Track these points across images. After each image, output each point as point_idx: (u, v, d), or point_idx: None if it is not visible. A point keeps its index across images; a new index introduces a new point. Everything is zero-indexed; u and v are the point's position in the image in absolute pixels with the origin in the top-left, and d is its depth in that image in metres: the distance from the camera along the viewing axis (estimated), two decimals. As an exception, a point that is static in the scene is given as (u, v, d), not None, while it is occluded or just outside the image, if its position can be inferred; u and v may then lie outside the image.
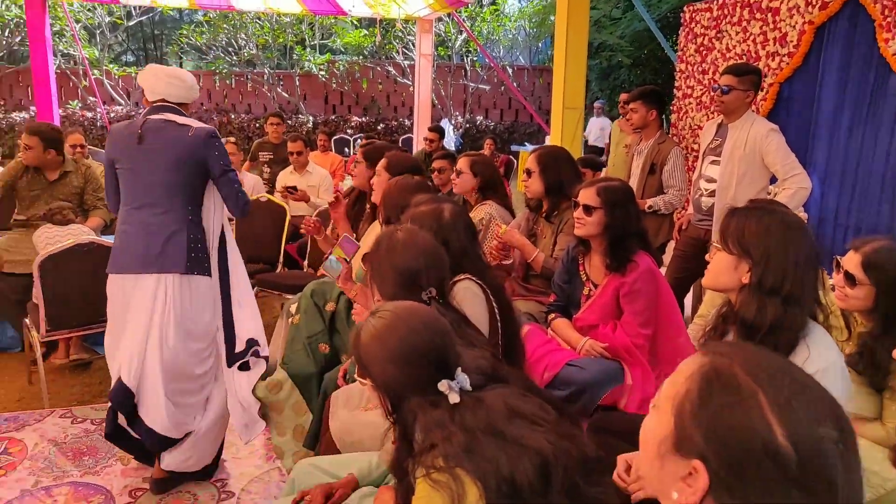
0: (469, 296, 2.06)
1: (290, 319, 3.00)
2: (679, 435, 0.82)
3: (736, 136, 3.35)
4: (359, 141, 13.09)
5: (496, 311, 2.11)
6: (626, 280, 2.45)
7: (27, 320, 3.40)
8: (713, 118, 3.83)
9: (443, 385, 1.29)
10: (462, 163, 3.53)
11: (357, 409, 2.23)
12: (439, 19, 11.53)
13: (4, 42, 13.88)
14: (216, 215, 2.64)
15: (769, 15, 4.15)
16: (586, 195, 2.49)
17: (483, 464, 1.16)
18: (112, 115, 13.37)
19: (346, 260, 2.52)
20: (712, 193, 3.52)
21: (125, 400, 2.47)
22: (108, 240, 3.37)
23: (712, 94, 4.54)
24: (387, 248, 1.83)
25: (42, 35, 8.18)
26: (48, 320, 3.22)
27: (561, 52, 5.09)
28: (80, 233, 3.56)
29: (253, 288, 4.08)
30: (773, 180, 3.39)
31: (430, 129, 6.34)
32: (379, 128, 14.04)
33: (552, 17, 12.52)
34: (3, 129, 13.27)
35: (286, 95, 14.75)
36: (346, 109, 15.30)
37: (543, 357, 2.49)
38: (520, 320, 2.37)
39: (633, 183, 4.05)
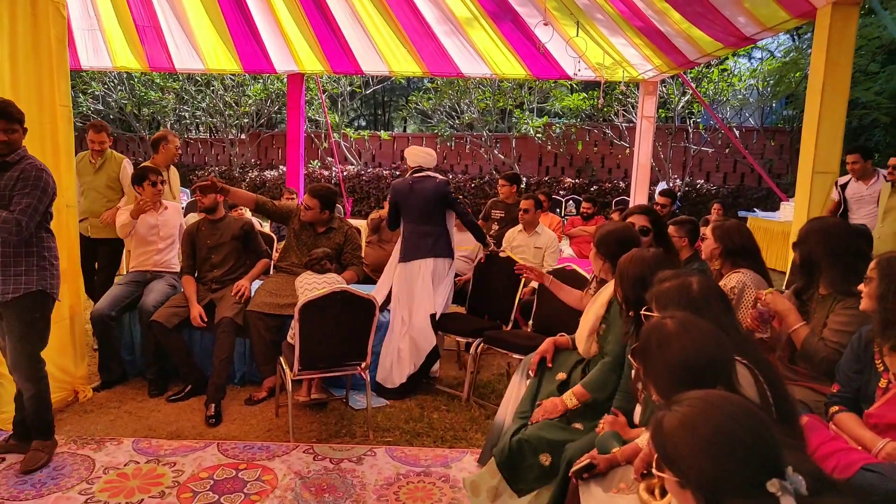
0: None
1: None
2: None
3: None
4: (570, 202, 13.04)
5: (766, 390, 1.82)
6: (942, 376, 2.03)
7: (281, 358, 3.69)
8: None
9: (773, 485, 1.09)
10: (707, 229, 3.34)
11: (611, 489, 2.04)
12: (663, 81, 11.23)
13: (265, 111, 16.07)
14: (451, 224, 4.45)
15: None
16: (870, 266, 2.24)
17: None
18: (345, 173, 14.74)
19: None
20: None
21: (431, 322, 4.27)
22: (360, 289, 3.58)
23: None
24: (658, 343, 1.64)
25: (298, 104, 9.29)
26: (301, 360, 3.45)
27: (814, 111, 4.60)
28: (334, 281, 3.83)
29: (480, 344, 4.12)
30: None
31: (661, 194, 6.02)
32: (592, 189, 13.90)
33: (793, 75, 11.62)
34: (256, 185, 15.22)
35: (502, 157, 15.24)
36: (560, 171, 15.40)
37: (830, 456, 2.11)
38: (797, 403, 2.05)
39: None
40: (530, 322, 4.43)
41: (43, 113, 3.64)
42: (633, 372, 2.47)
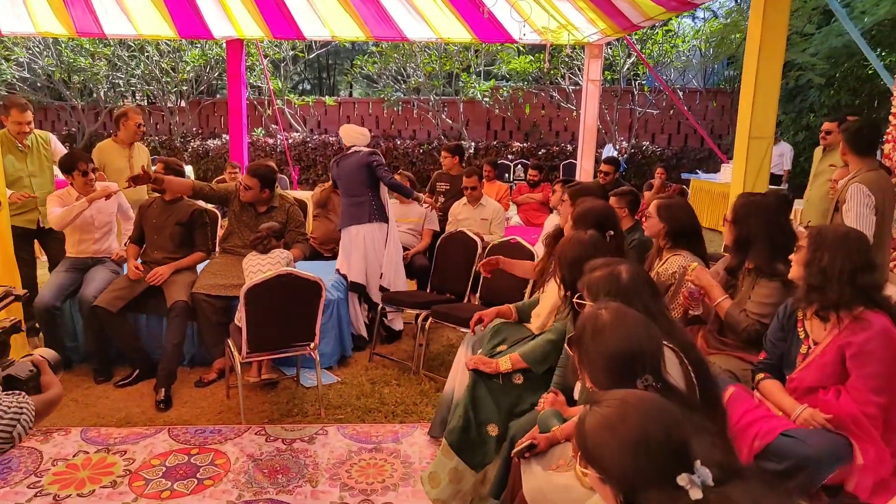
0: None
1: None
2: None
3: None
4: (519, 167, 13.11)
5: (690, 371, 1.93)
6: (855, 340, 2.18)
7: (229, 341, 3.68)
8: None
9: (682, 479, 1.17)
10: (652, 206, 3.23)
11: (550, 466, 2.14)
12: (608, 43, 11.27)
13: (205, 77, 15.52)
14: (384, 192, 4.68)
15: None
16: (803, 236, 2.35)
17: None
18: (290, 141, 14.43)
19: None
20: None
21: (363, 287, 4.67)
22: (302, 271, 3.57)
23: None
24: (592, 332, 1.70)
25: (238, 71, 8.98)
26: (249, 343, 3.45)
27: (750, 76, 4.68)
28: (278, 260, 3.81)
29: (427, 319, 4.18)
30: None
31: (605, 162, 6.13)
32: (540, 153, 13.99)
33: (734, 36, 11.81)
34: (199, 155, 14.80)
35: (450, 121, 15.15)
36: (508, 135, 15.42)
37: (752, 424, 2.26)
38: (718, 381, 2.16)
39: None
40: (478, 294, 4.51)
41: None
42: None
